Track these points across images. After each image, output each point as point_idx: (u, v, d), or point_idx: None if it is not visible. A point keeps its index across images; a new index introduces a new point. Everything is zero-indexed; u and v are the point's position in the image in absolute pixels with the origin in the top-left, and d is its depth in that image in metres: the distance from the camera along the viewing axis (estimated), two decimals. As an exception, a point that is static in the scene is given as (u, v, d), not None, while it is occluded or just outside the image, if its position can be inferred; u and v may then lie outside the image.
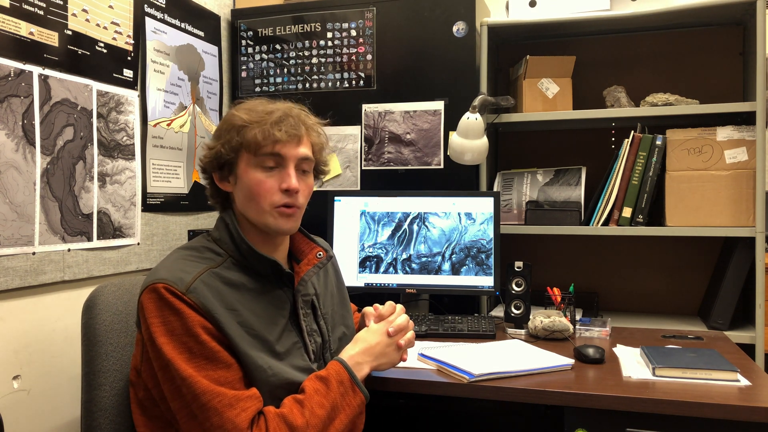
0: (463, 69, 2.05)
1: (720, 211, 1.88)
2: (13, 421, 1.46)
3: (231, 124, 1.18)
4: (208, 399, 1.01)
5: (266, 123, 1.16)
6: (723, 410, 1.18)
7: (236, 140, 1.16)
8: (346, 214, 1.98)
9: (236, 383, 1.06)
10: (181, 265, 1.12)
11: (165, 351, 1.04)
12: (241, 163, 1.18)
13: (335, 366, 1.16)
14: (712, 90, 2.13)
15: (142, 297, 1.09)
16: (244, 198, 1.18)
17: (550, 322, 1.67)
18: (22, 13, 1.46)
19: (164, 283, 1.07)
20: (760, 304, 1.82)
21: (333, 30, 2.18)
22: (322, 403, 1.09)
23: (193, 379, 1.02)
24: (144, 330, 1.08)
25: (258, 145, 1.15)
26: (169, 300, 1.05)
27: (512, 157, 2.35)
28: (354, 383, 1.14)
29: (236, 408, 1.02)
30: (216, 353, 1.05)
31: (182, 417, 1.05)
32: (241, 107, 1.21)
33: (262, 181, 1.16)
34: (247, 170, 1.17)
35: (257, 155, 1.16)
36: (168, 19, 1.97)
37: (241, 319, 1.10)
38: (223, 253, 1.18)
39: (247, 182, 1.17)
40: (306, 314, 1.23)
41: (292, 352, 1.16)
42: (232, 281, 1.14)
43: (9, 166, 1.43)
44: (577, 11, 2.02)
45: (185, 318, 1.05)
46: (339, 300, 1.37)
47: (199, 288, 1.08)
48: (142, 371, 1.12)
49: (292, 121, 1.18)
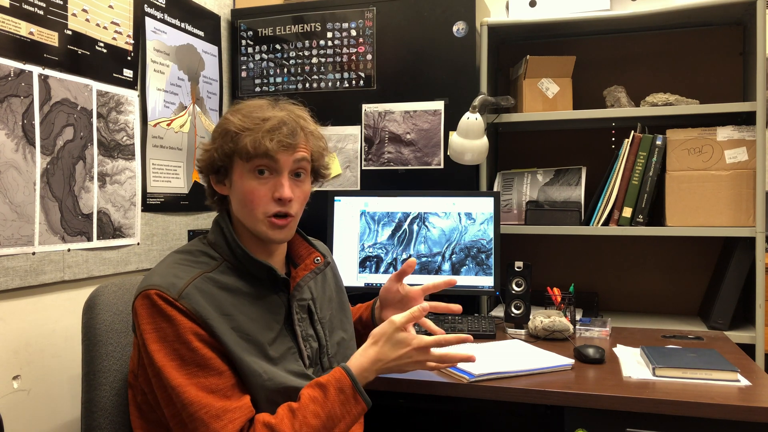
0: (463, 69, 2.05)
1: (720, 211, 1.88)
2: (13, 421, 1.46)
3: (225, 129, 1.16)
4: (195, 409, 1.01)
5: (259, 131, 1.12)
6: (723, 410, 1.18)
7: (229, 146, 1.14)
8: (346, 214, 1.98)
9: (228, 390, 1.05)
10: (174, 270, 1.11)
11: (156, 358, 1.03)
12: (235, 169, 1.16)
13: (337, 373, 1.12)
14: (712, 90, 2.13)
15: (135, 303, 1.08)
16: (238, 204, 1.17)
17: (550, 322, 1.67)
18: (22, 13, 1.46)
19: (156, 289, 1.06)
20: (760, 304, 1.82)
21: (333, 30, 2.18)
22: (317, 413, 1.06)
23: (182, 389, 1.02)
24: (138, 336, 1.08)
25: (249, 154, 1.13)
26: (161, 306, 1.05)
27: (512, 157, 2.35)
28: (356, 391, 1.10)
29: (223, 419, 1.02)
30: (208, 360, 1.04)
31: (174, 424, 1.05)
32: (238, 110, 1.18)
33: (254, 189, 1.14)
34: (241, 176, 1.15)
35: (253, 161, 1.14)
36: (168, 19, 1.97)
37: (236, 324, 1.09)
38: (218, 257, 1.17)
39: (241, 189, 1.15)
40: (302, 319, 1.21)
41: (286, 357, 1.15)
42: (227, 285, 1.13)
43: (9, 166, 1.43)
44: (577, 11, 2.02)
45: (177, 325, 1.04)
46: (337, 304, 1.35)
47: (191, 294, 1.07)
48: (138, 375, 1.12)
49: (287, 129, 1.14)
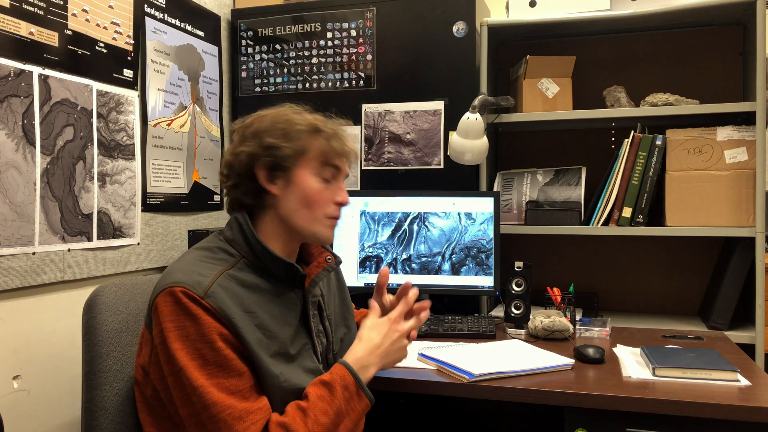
0: (463, 69, 2.05)
1: (720, 211, 1.88)
2: (13, 421, 1.46)
3: (302, 125, 1.16)
4: (218, 411, 1.01)
5: (336, 134, 1.18)
6: (723, 410, 1.18)
7: (302, 144, 1.15)
8: (346, 214, 1.98)
9: (247, 392, 1.05)
10: (197, 267, 1.10)
11: (178, 357, 1.02)
12: (299, 168, 1.16)
13: (339, 370, 1.13)
14: (712, 90, 2.13)
15: (157, 299, 1.06)
16: (296, 203, 1.17)
17: (550, 322, 1.67)
18: (22, 13, 1.46)
19: (182, 286, 1.05)
20: (760, 304, 1.82)
21: (333, 30, 2.18)
22: (326, 411, 1.07)
23: (204, 389, 1.01)
24: (156, 333, 1.06)
25: (327, 155, 1.16)
26: (186, 305, 1.04)
27: (512, 157, 2.35)
28: (359, 388, 1.12)
29: (246, 421, 1.01)
30: (230, 361, 1.04)
31: (191, 424, 1.04)
32: (302, 112, 1.20)
33: (320, 191, 1.17)
34: (306, 177, 1.16)
35: (324, 165, 1.17)
36: (168, 19, 1.97)
37: (258, 321, 1.09)
38: (236, 254, 1.16)
39: (305, 189, 1.16)
40: (314, 315, 1.23)
41: (302, 354, 1.16)
42: (248, 283, 1.12)
43: (9, 166, 1.43)
44: (577, 11, 2.02)
45: (202, 324, 1.03)
46: (340, 300, 1.37)
47: (217, 292, 1.06)
48: (150, 372, 1.11)
49: (350, 140, 1.22)
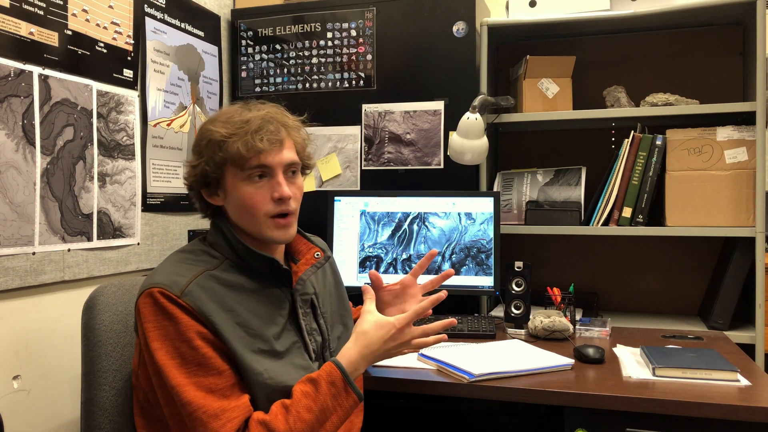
0: (463, 69, 2.05)
1: (720, 211, 1.88)
2: (13, 421, 1.46)
3: (209, 139, 1.15)
4: (193, 409, 1.02)
5: (246, 134, 1.12)
6: (723, 410, 1.18)
7: (219, 156, 1.13)
8: (346, 214, 1.98)
9: (227, 390, 1.05)
10: (176, 269, 1.11)
11: (158, 356, 1.04)
12: (228, 178, 1.16)
13: (328, 367, 1.13)
14: (712, 90, 2.13)
15: (138, 302, 1.09)
16: (237, 211, 1.17)
17: (550, 322, 1.67)
18: (22, 13, 1.46)
19: (159, 287, 1.07)
20: (760, 304, 1.82)
21: (333, 30, 2.18)
22: (310, 407, 1.07)
23: (182, 388, 1.02)
24: (140, 335, 1.09)
25: (242, 158, 1.12)
26: (164, 305, 1.05)
27: (512, 157, 2.35)
28: (347, 384, 1.11)
29: (221, 419, 1.02)
30: (209, 359, 1.05)
31: (174, 423, 1.06)
32: (215, 120, 1.18)
33: (252, 194, 1.14)
34: (235, 184, 1.15)
35: (244, 169, 1.13)
36: (168, 19, 1.97)
37: (240, 319, 1.10)
38: (220, 256, 1.17)
39: (238, 196, 1.15)
40: (305, 313, 1.23)
41: (292, 351, 1.16)
42: (230, 282, 1.13)
43: (9, 166, 1.43)
44: (577, 11, 2.02)
45: (179, 323, 1.05)
46: (337, 298, 1.36)
47: (194, 291, 1.07)
48: (139, 374, 1.13)
49: (272, 126, 1.14)
